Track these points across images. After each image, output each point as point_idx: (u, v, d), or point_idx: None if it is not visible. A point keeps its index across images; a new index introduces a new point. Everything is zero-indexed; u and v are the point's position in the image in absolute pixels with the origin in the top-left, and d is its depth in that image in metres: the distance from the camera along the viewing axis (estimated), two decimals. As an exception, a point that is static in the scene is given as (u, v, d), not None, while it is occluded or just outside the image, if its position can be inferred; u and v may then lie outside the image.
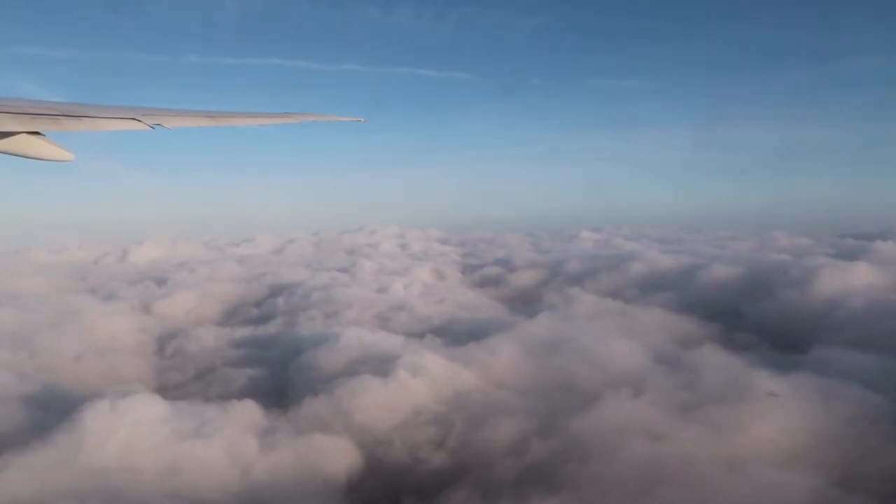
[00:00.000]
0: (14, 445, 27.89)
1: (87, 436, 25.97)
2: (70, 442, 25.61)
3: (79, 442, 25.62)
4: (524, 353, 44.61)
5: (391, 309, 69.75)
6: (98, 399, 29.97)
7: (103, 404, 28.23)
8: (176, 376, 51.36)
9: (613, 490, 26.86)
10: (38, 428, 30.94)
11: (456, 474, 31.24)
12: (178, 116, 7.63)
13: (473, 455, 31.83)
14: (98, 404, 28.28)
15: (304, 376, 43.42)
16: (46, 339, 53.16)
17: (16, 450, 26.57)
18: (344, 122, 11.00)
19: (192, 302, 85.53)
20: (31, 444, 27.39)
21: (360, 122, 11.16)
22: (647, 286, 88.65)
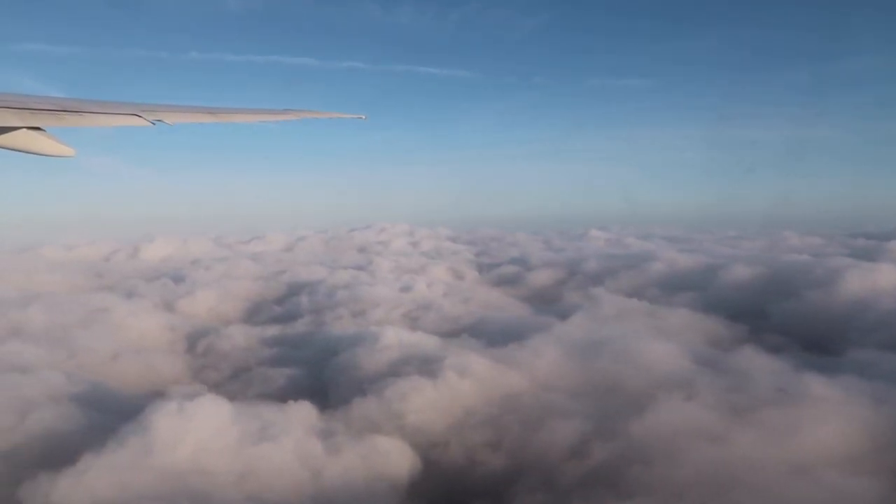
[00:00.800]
0: (84, 447, 27.90)
1: (159, 437, 25.90)
2: (143, 443, 25.54)
3: (151, 443, 25.55)
4: (566, 355, 44.50)
5: (418, 308, 69.70)
6: (164, 400, 29.87)
7: (171, 405, 28.13)
8: (213, 375, 51.30)
9: (682, 494, 26.79)
10: (102, 429, 30.95)
11: (515, 477, 31.21)
12: (179, 112, 7.64)
13: (532, 457, 31.78)
14: (166, 405, 28.18)
15: (348, 376, 43.35)
16: (81, 338, 53.08)
17: (88, 451, 26.54)
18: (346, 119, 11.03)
19: (214, 300, 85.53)
20: (101, 445, 27.34)
21: (361, 119, 11.16)
22: (668, 286, 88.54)
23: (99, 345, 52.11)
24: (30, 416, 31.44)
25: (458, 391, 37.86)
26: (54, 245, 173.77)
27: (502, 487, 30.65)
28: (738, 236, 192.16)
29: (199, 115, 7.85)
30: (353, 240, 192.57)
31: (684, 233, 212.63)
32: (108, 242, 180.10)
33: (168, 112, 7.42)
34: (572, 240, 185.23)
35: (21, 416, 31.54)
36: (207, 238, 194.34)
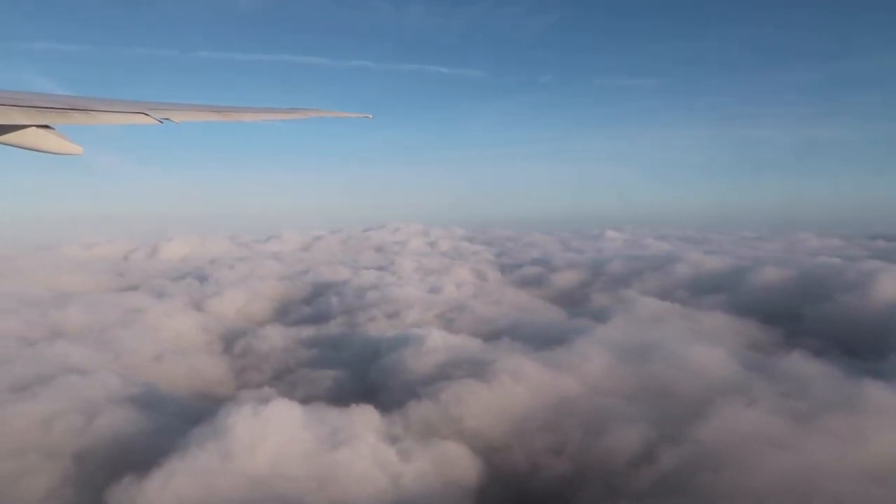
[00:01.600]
0: (156, 450, 27.94)
1: (238, 442, 25.85)
2: (222, 447, 25.50)
3: (231, 448, 25.51)
4: (615, 358, 44.23)
5: (452, 310, 69.54)
6: (236, 403, 29.84)
7: (245, 409, 28.08)
8: (255, 377, 51.32)
9: (760, 503, 26.54)
10: (169, 431, 31.02)
11: (580, 483, 31.04)
12: (186, 111, 7.63)
13: (596, 463, 31.58)
14: (240, 409, 28.13)
15: (397, 379, 43.28)
16: (123, 339, 53.19)
17: (162, 455, 26.56)
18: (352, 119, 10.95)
19: (243, 300, 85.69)
20: (172, 448, 27.35)
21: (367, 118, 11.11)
22: (696, 288, 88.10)
23: (141, 346, 52.24)
24: (97, 419, 31.48)
25: (513, 395, 37.71)
26: (73, 244, 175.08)
27: (568, 493, 30.51)
28: (755, 237, 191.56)
29: (207, 114, 7.86)
30: (370, 240, 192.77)
31: (698, 233, 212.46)
32: (126, 241, 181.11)
33: (175, 110, 7.41)
34: (589, 240, 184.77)
35: (88, 417, 31.61)
36: (224, 237, 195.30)
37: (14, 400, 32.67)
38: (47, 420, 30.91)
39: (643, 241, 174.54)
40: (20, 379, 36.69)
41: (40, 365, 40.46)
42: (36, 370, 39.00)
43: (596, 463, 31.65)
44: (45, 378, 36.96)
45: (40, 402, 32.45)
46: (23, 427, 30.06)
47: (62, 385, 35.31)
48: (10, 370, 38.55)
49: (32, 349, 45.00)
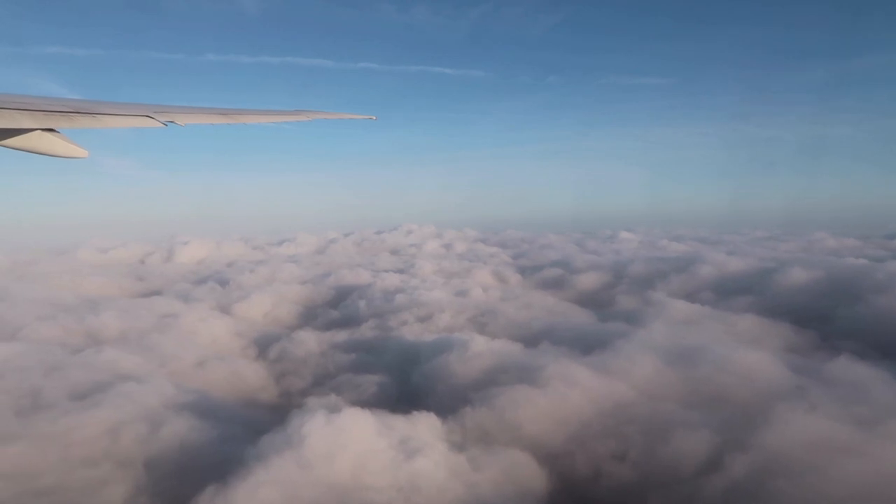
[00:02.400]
0: (225, 458, 27.94)
1: (315, 450, 25.79)
2: (300, 456, 25.45)
3: (309, 456, 25.45)
4: (663, 363, 44.04)
5: (482, 314, 69.45)
6: (306, 411, 29.79)
7: (317, 416, 28.01)
8: (296, 382, 51.34)
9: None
10: (233, 439, 31.00)
11: (646, 490, 30.85)
12: (191, 113, 7.63)
13: (661, 470, 31.40)
14: (312, 416, 28.07)
15: (445, 384, 43.18)
16: (163, 345, 53.26)
17: (234, 464, 26.54)
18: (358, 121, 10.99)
19: (269, 304, 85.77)
20: (241, 456, 27.33)
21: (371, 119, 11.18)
22: (722, 290, 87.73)
23: (181, 352, 52.28)
24: (162, 427, 31.49)
25: (568, 401, 37.57)
26: (88, 248, 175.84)
27: (635, 501, 30.35)
28: (768, 237, 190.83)
29: (211, 116, 7.86)
30: (385, 242, 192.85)
31: (712, 234, 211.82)
32: (141, 245, 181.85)
33: (180, 113, 7.44)
34: (604, 242, 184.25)
35: (153, 426, 31.64)
36: (239, 240, 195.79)
37: (77, 408, 32.72)
38: (114, 428, 30.96)
39: (659, 242, 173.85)
40: (77, 386, 36.77)
41: (93, 372, 40.53)
42: (90, 377, 39.07)
43: (662, 470, 31.45)
44: (101, 386, 37.02)
45: (104, 411, 32.49)
46: (92, 436, 30.11)
47: (120, 393, 35.34)
48: (65, 378, 38.63)
49: (80, 356, 45.03)
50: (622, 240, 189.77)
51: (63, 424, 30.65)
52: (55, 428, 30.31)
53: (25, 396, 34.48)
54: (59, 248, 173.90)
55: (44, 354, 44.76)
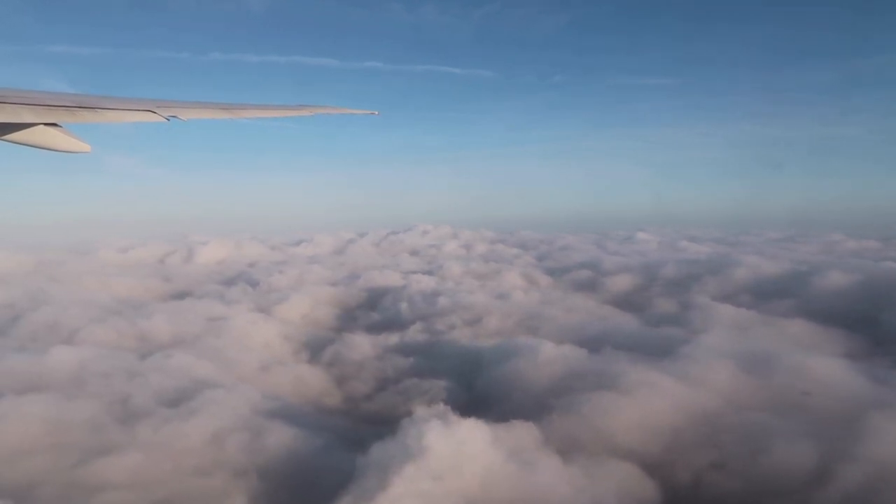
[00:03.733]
0: (333, 469, 27.71)
1: (440, 462, 25.52)
2: (426, 468, 25.19)
3: (435, 469, 25.19)
4: (738, 370, 43.75)
5: (529, 317, 69.21)
6: (415, 420, 29.55)
7: (434, 426, 27.74)
8: (359, 386, 51.08)
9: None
10: (332, 449, 30.78)
11: (750, 500, 30.64)
12: (194, 108, 7.65)
13: (766, 480, 31.15)
14: (429, 426, 27.80)
15: (521, 391, 42.90)
16: (221, 349, 53.04)
17: (344, 474, 26.35)
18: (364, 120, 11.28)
19: (307, 306, 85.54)
20: (357, 468, 27.10)
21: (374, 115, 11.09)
22: (760, 293, 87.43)
23: (241, 356, 52.12)
24: (263, 435, 31.28)
25: (656, 408, 37.30)
26: (108, 248, 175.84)
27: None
28: (784, 238, 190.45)
29: (214, 111, 7.87)
30: (404, 242, 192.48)
31: (726, 235, 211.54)
32: (160, 245, 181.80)
33: (183, 108, 7.44)
34: (623, 242, 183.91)
35: (253, 434, 31.43)
36: (255, 240, 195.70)
37: (175, 416, 32.47)
38: (217, 437, 30.74)
39: (678, 244, 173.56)
40: (163, 393, 36.57)
41: (172, 378, 40.32)
42: (171, 383, 38.87)
43: (766, 480, 31.22)
44: (187, 392, 36.83)
45: (202, 419, 32.25)
46: (197, 444, 29.90)
47: (210, 400, 35.12)
48: (147, 384, 38.42)
49: (151, 361, 44.81)
50: (641, 241, 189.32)
51: (166, 433, 30.43)
52: (159, 436, 30.09)
53: (116, 403, 34.27)
54: (79, 248, 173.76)
55: (115, 359, 44.55)
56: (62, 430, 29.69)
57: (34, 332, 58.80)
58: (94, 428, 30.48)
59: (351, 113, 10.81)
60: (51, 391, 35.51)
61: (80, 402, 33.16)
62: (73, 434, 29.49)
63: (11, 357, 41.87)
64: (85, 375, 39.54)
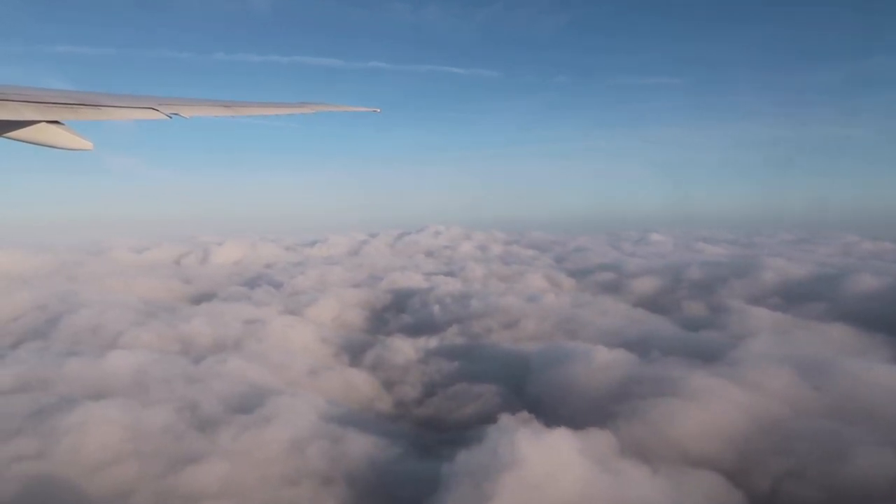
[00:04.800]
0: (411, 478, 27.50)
1: (535, 472, 25.26)
2: (522, 478, 24.94)
3: (532, 479, 24.94)
4: (797, 376, 43.42)
5: (566, 320, 68.86)
6: (500, 428, 29.33)
7: (524, 435, 27.51)
8: (408, 391, 50.81)
9: None
10: (406, 457, 30.54)
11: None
12: (195, 106, 7.67)
13: (849, 489, 30.86)
14: (518, 434, 27.56)
15: (578, 397, 42.65)
16: (265, 353, 52.82)
17: (425, 483, 26.12)
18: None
19: (336, 308, 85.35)
20: (451, 477, 26.86)
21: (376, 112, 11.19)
22: (790, 296, 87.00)
23: (288, 360, 51.89)
24: (340, 443, 31.06)
25: (722, 415, 37.03)
26: (121, 248, 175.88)
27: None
28: (798, 240, 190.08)
29: (215, 109, 7.87)
30: (418, 243, 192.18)
31: (738, 236, 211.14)
32: (174, 246, 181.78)
33: (184, 105, 7.45)
34: (637, 243, 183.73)
35: (331, 441, 31.20)
36: (269, 241, 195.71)
37: (249, 423, 32.20)
38: (296, 444, 30.53)
39: (694, 245, 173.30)
40: (229, 399, 36.33)
41: (231, 383, 40.10)
42: (233, 389, 38.65)
43: (847, 489, 30.93)
44: (252, 398, 36.59)
45: (276, 426, 32.00)
46: (279, 452, 29.68)
47: (278, 406, 34.85)
48: (209, 389, 38.20)
49: (205, 366, 44.58)
50: (655, 242, 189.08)
51: (245, 440, 30.18)
52: (240, 444, 29.85)
53: (186, 409, 34.04)
54: (91, 248, 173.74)
55: (169, 364, 44.38)
56: (141, 438, 29.47)
57: (75, 334, 58.62)
58: (172, 435, 30.25)
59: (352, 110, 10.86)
60: (117, 397, 35.28)
61: (152, 408, 32.92)
62: (154, 441, 29.26)
63: (70, 362, 41.63)
64: (146, 380, 39.35)
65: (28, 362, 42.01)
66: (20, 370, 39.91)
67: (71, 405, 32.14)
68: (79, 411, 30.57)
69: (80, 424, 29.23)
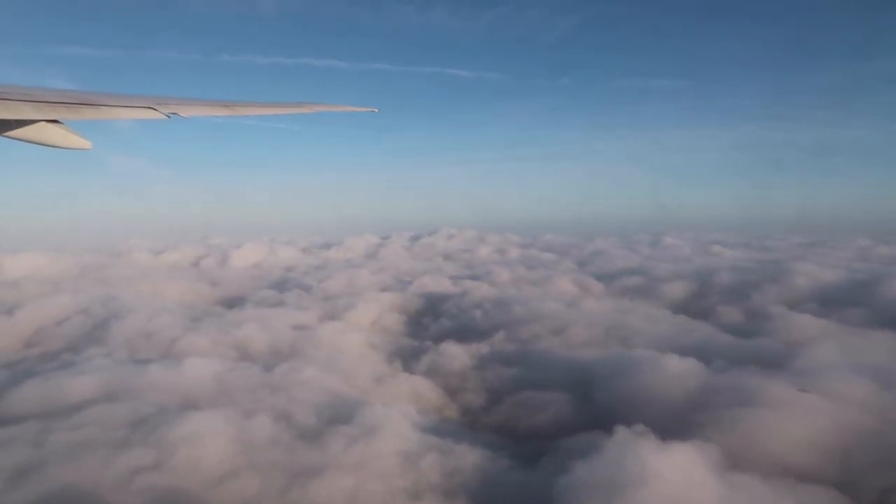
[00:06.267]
0: (541, 489, 27.36)
1: (660, 486, 25.17)
2: (652, 492, 24.85)
3: (658, 492, 24.83)
4: (873, 385, 43.37)
5: (613, 327, 68.72)
6: (620, 440, 29.24)
7: (646, 447, 27.43)
8: (473, 399, 50.69)
9: None
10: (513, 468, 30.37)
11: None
12: (194, 105, 7.70)
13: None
14: (641, 447, 27.47)
15: (656, 406, 42.50)
16: (328, 360, 52.67)
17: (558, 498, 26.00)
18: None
19: (374, 313, 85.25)
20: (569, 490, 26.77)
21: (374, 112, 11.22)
22: (826, 301, 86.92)
23: (352, 367, 51.79)
24: (450, 453, 30.93)
25: (812, 426, 36.94)
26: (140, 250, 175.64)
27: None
28: (811, 243, 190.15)
29: (214, 108, 7.91)
30: (435, 247, 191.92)
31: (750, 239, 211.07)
32: (191, 247, 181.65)
33: (183, 105, 7.49)
34: (654, 247, 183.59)
35: (442, 453, 31.04)
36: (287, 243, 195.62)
37: (356, 435, 31.95)
38: (407, 456, 30.37)
39: (711, 249, 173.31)
40: (319, 408, 36.14)
41: (314, 392, 39.94)
42: (319, 399, 38.47)
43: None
44: (342, 408, 36.38)
45: (383, 437, 31.78)
46: (393, 465, 29.51)
47: (374, 416, 34.62)
48: (294, 398, 38.02)
49: (278, 374, 44.40)
50: (671, 245, 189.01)
51: (356, 452, 30.00)
52: (351, 456, 29.67)
53: (280, 419, 33.88)
54: (109, 251, 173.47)
55: (242, 371, 44.21)
56: (254, 449, 29.33)
57: (130, 340, 58.46)
58: (282, 446, 30.09)
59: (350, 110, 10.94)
60: (207, 406, 35.14)
61: (251, 418, 32.74)
62: (267, 453, 29.12)
63: (149, 369, 41.46)
64: (228, 389, 39.22)
65: (106, 370, 41.79)
66: (101, 378, 39.73)
67: (171, 415, 31.99)
68: (184, 421, 30.40)
69: (192, 435, 29.06)
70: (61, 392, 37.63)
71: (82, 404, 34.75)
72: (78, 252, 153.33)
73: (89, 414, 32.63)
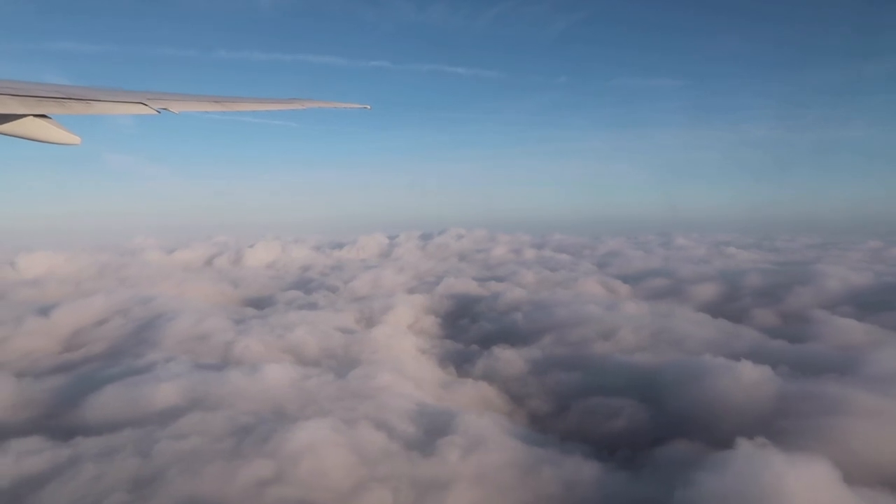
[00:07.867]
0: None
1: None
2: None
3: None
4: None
5: (661, 331, 68.38)
6: (742, 451, 28.82)
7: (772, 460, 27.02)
8: (538, 405, 50.17)
9: None
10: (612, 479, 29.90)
11: None
12: (185, 101, 7.61)
13: None
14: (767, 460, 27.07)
15: (741, 415, 42.07)
16: (395, 365, 51.98)
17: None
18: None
19: (410, 315, 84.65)
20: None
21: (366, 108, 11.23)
22: (861, 304, 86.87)
23: (418, 372, 51.23)
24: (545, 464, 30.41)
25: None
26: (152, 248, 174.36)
27: None
28: (823, 244, 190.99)
29: (205, 104, 7.83)
30: (449, 247, 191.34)
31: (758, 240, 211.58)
32: (203, 246, 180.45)
33: (174, 101, 7.39)
34: (668, 248, 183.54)
35: (553, 465, 30.53)
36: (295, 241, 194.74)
37: (463, 446, 31.38)
38: (522, 469, 29.84)
39: (726, 250, 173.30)
40: (415, 418, 35.54)
41: (396, 398, 39.36)
42: (404, 406, 37.87)
43: None
44: (433, 417, 35.81)
45: (490, 448, 31.25)
46: (512, 478, 28.99)
47: (471, 425, 34.09)
48: (381, 406, 37.40)
49: (352, 379, 43.74)
50: (683, 245, 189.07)
51: (470, 464, 29.42)
52: (468, 468, 29.09)
53: (381, 428, 33.20)
54: (120, 249, 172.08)
55: (318, 378, 43.52)
56: (370, 460, 28.70)
57: (182, 342, 57.68)
58: (396, 457, 29.47)
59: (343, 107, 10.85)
60: (299, 414, 34.45)
61: (354, 427, 32.09)
62: (386, 465, 28.48)
63: (229, 376, 40.70)
64: (313, 397, 38.53)
65: (183, 376, 41.04)
66: (181, 385, 39.00)
67: (275, 424, 31.33)
68: (296, 431, 29.74)
69: (308, 445, 28.40)
70: (145, 398, 36.87)
71: (174, 412, 34.01)
72: (92, 251, 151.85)
73: (188, 422, 31.91)
